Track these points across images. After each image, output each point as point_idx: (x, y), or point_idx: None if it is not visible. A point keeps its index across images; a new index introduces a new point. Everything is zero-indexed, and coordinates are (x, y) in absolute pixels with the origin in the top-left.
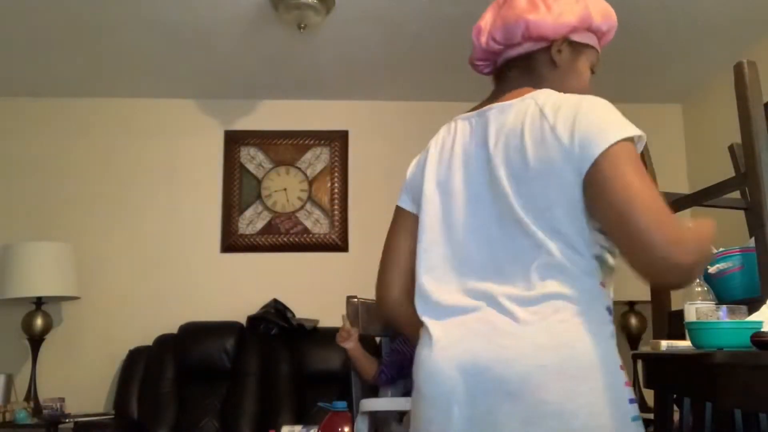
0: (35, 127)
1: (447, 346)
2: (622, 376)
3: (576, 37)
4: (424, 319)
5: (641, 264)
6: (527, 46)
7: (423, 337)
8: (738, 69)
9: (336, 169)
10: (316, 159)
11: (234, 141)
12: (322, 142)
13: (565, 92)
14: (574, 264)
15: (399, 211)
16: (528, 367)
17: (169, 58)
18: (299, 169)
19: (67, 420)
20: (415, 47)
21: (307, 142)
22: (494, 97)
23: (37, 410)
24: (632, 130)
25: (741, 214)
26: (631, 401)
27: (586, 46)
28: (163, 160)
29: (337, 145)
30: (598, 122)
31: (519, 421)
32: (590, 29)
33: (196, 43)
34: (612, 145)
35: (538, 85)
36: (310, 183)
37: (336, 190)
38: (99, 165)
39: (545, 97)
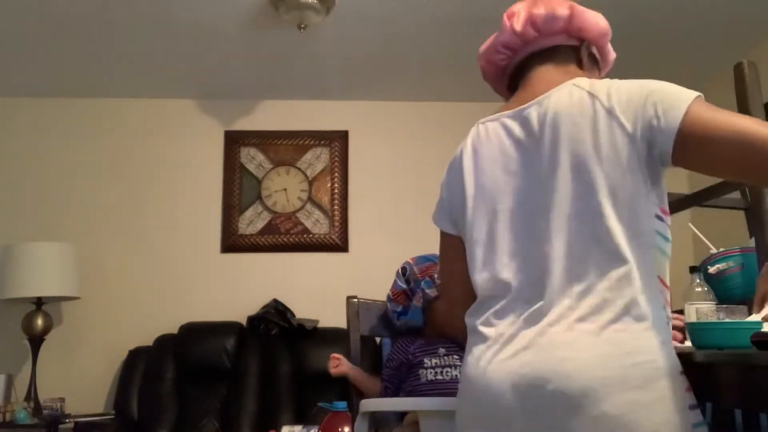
0: (35, 127)
1: (504, 358)
2: (683, 382)
3: (595, 48)
4: (479, 327)
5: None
6: (560, 39)
7: (475, 347)
8: (738, 69)
9: (336, 169)
10: (316, 159)
11: (234, 141)
12: (322, 142)
13: None
14: (626, 258)
15: (444, 236)
16: (589, 380)
17: (169, 58)
18: (299, 169)
19: (67, 420)
20: (415, 47)
21: (307, 142)
22: (526, 89)
23: (37, 410)
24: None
25: (741, 214)
26: (692, 407)
27: (596, 60)
28: (163, 161)
29: (337, 145)
30: (665, 88)
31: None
32: (602, 48)
33: (196, 43)
34: (694, 99)
35: (567, 79)
36: (310, 183)
37: (336, 191)
38: (99, 165)
39: (593, 83)
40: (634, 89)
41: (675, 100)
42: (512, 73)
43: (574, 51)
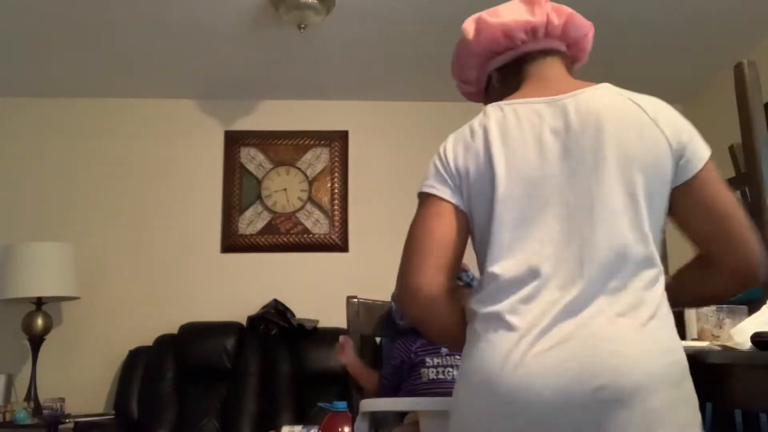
0: (35, 127)
1: (541, 351)
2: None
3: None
4: (505, 315)
5: (734, 264)
6: (555, 44)
7: (497, 337)
8: (738, 69)
9: (336, 169)
10: (316, 159)
11: (234, 141)
12: (322, 142)
13: None
14: (657, 263)
15: (434, 199)
16: (638, 375)
17: (169, 58)
18: (299, 169)
19: (67, 420)
20: (415, 47)
21: (307, 142)
22: (542, 80)
23: (37, 410)
24: None
25: None
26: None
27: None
28: (163, 161)
29: (337, 145)
30: (695, 132)
31: (626, 429)
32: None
33: (196, 43)
34: (710, 155)
35: (570, 78)
36: (310, 183)
37: (336, 190)
38: (99, 165)
39: (626, 91)
40: (672, 111)
41: (702, 144)
42: (513, 60)
43: (569, 59)
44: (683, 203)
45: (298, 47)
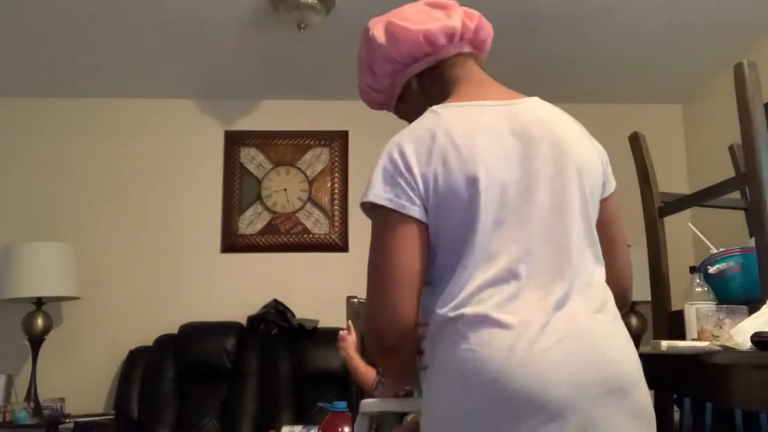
0: (35, 127)
1: (545, 348)
2: None
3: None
4: (493, 314)
5: (614, 278)
6: (468, 47)
7: (492, 335)
8: (738, 69)
9: (336, 169)
10: (316, 159)
11: (234, 141)
12: (322, 142)
13: None
14: (602, 262)
15: (403, 219)
16: (630, 368)
17: (169, 58)
18: (299, 169)
19: (67, 420)
20: None
21: (307, 142)
22: (473, 84)
23: (37, 410)
24: None
25: (741, 214)
26: None
27: None
28: (163, 160)
29: (337, 145)
30: None
31: (628, 417)
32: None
33: (196, 43)
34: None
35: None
36: (310, 183)
37: (336, 191)
38: (99, 165)
39: (555, 107)
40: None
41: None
42: (432, 66)
43: (476, 56)
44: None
45: (298, 47)
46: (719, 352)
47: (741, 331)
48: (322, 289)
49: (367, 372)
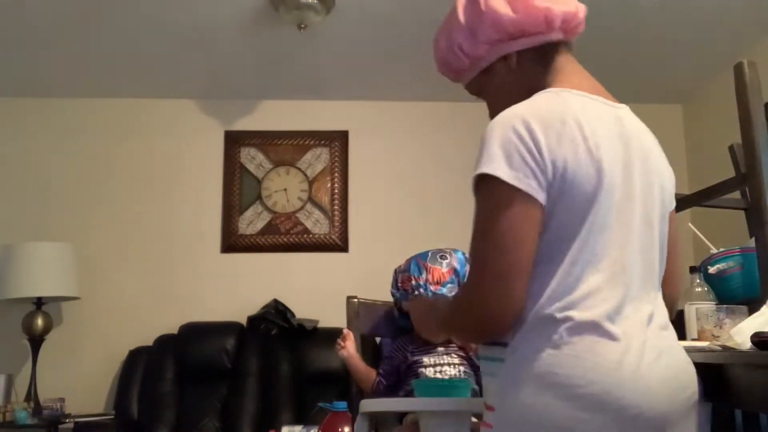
0: (35, 127)
1: (650, 362)
2: None
3: None
4: (604, 324)
5: (669, 292)
6: (571, 39)
7: (603, 347)
8: (738, 69)
9: (336, 169)
10: (316, 159)
11: (234, 141)
12: (322, 142)
13: None
14: None
15: (529, 201)
16: (695, 383)
17: (169, 58)
18: (299, 169)
19: (67, 420)
20: (415, 47)
21: (307, 142)
22: (575, 74)
23: (37, 410)
24: None
25: (741, 214)
26: None
27: None
28: (163, 161)
29: (337, 145)
30: None
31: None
32: None
33: (196, 43)
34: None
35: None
36: (310, 183)
37: (336, 191)
38: (99, 165)
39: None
40: None
41: None
42: (533, 48)
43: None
44: None
45: (298, 47)
46: (719, 352)
47: (741, 331)
48: (322, 289)
49: (367, 372)
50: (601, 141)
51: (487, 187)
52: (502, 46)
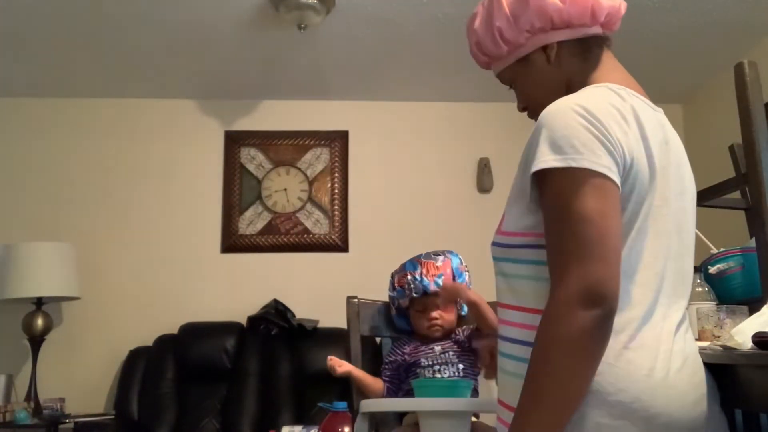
0: (35, 127)
1: (679, 367)
2: None
3: None
4: (638, 332)
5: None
6: (611, 34)
7: (641, 356)
8: (738, 69)
9: (336, 169)
10: (316, 159)
11: (234, 141)
12: (322, 142)
13: None
14: None
15: (609, 185)
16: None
17: (169, 58)
18: (299, 169)
19: (67, 420)
20: (415, 47)
21: (307, 142)
22: (618, 71)
23: (37, 410)
24: None
25: (741, 214)
26: None
27: None
28: (163, 161)
29: (337, 145)
30: None
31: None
32: None
33: (196, 43)
34: None
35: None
36: (311, 183)
37: (336, 191)
38: (99, 165)
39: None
40: None
41: None
42: (575, 41)
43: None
44: None
45: (298, 47)
46: (719, 352)
47: (741, 331)
48: (322, 289)
49: (374, 382)
50: (652, 143)
51: (574, 176)
52: (543, 36)
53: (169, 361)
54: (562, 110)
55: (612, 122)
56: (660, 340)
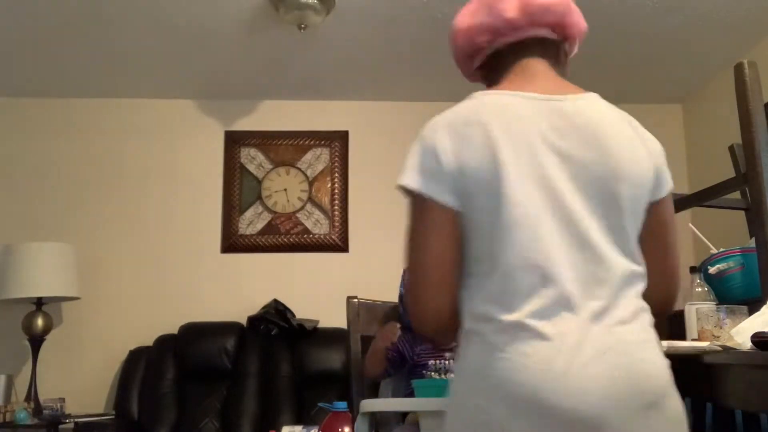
0: (35, 127)
1: (585, 362)
2: None
3: (568, 46)
4: (528, 321)
5: (657, 297)
6: (545, 32)
7: (529, 346)
8: (738, 69)
9: (336, 169)
10: (316, 159)
11: (234, 141)
12: (322, 142)
13: None
14: (643, 274)
15: (438, 209)
16: (664, 380)
17: (169, 58)
18: (299, 169)
19: (67, 420)
20: (415, 47)
21: (307, 142)
22: (526, 77)
23: (37, 410)
24: None
25: (741, 214)
26: None
27: (567, 58)
28: (163, 161)
29: (337, 145)
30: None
31: (665, 428)
32: (574, 47)
33: (196, 43)
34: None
35: (561, 75)
36: (311, 183)
37: (336, 191)
38: (99, 165)
39: (610, 105)
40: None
41: (669, 173)
42: (490, 55)
43: (555, 46)
44: (647, 223)
45: (298, 47)
46: (719, 352)
47: (741, 331)
48: (322, 289)
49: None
50: (511, 139)
51: (407, 195)
52: (471, 63)
53: (169, 361)
54: (420, 132)
55: (450, 139)
56: (567, 332)
